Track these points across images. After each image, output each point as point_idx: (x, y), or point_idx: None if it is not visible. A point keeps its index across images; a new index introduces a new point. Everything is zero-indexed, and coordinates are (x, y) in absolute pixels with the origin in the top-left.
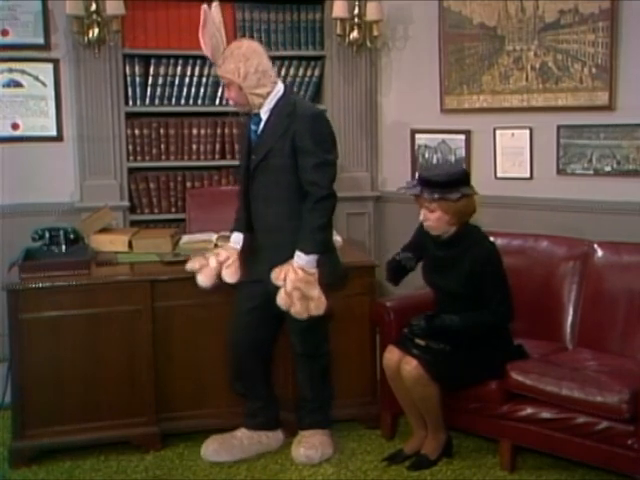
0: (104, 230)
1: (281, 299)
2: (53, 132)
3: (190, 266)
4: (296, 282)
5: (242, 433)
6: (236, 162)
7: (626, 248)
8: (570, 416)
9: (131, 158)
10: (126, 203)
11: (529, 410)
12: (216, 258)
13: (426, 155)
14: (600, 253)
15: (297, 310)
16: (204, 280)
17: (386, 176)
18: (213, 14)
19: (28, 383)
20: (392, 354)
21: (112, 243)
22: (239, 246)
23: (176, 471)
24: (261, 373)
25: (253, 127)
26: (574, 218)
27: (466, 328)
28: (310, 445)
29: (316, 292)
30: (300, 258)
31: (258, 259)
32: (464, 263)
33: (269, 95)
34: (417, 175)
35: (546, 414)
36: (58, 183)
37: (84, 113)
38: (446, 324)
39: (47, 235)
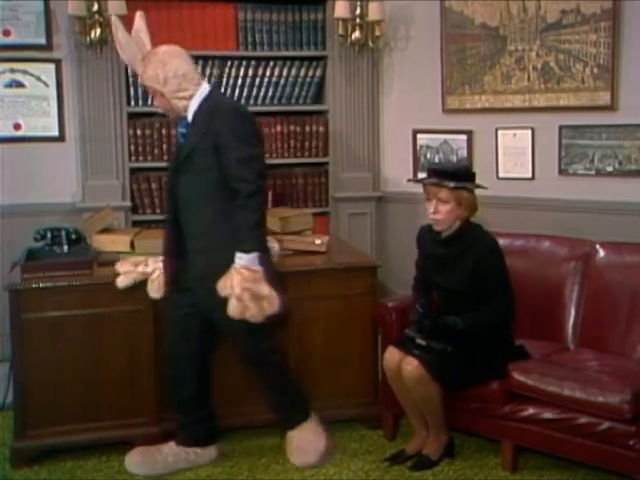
0: (106, 230)
1: (233, 307)
2: (55, 132)
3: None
4: (243, 283)
5: (170, 448)
6: None
7: (628, 248)
8: (572, 416)
9: (133, 158)
10: (128, 203)
11: (531, 410)
12: (143, 268)
13: (428, 155)
14: (602, 253)
15: (253, 313)
16: (123, 281)
17: (388, 176)
18: (136, 23)
19: (30, 383)
20: (392, 355)
21: (114, 243)
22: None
23: (177, 470)
24: (193, 387)
25: (181, 130)
26: (576, 218)
27: (469, 328)
28: (301, 452)
29: (266, 289)
30: (241, 258)
31: (186, 267)
32: (466, 261)
33: (192, 97)
34: (427, 168)
35: (548, 414)
36: (60, 183)
37: (86, 113)
38: (449, 324)
39: (49, 235)
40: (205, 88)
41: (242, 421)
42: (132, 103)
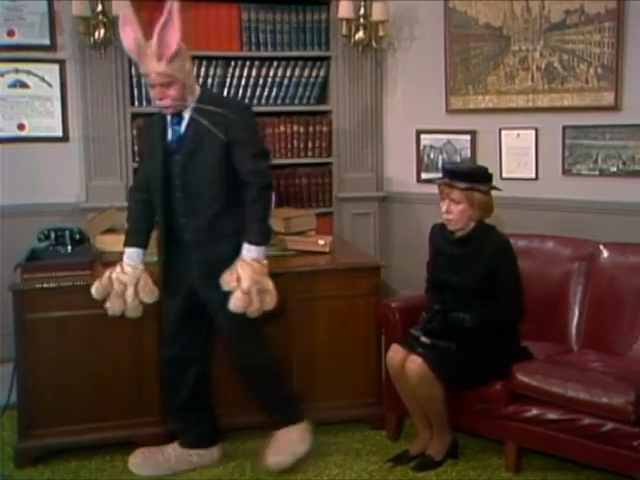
0: (110, 230)
1: (238, 300)
2: (59, 133)
3: (94, 291)
4: (253, 276)
5: (173, 450)
6: None
7: (632, 249)
8: (575, 417)
9: (136, 159)
10: None
11: (534, 411)
12: (123, 291)
13: (431, 155)
14: (606, 254)
15: (255, 308)
16: (114, 309)
17: (391, 176)
18: (126, 13)
19: (34, 383)
20: (396, 353)
21: (117, 243)
22: (142, 265)
23: (180, 472)
24: (194, 388)
25: (173, 128)
26: (579, 219)
27: (477, 325)
28: (277, 450)
29: (271, 284)
30: (251, 251)
31: (185, 267)
32: (480, 261)
33: (195, 92)
34: (442, 168)
35: (551, 415)
36: (64, 183)
37: (90, 114)
38: (458, 321)
39: (53, 235)
40: (197, 85)
41: (245, 421)
42: (136, 103)
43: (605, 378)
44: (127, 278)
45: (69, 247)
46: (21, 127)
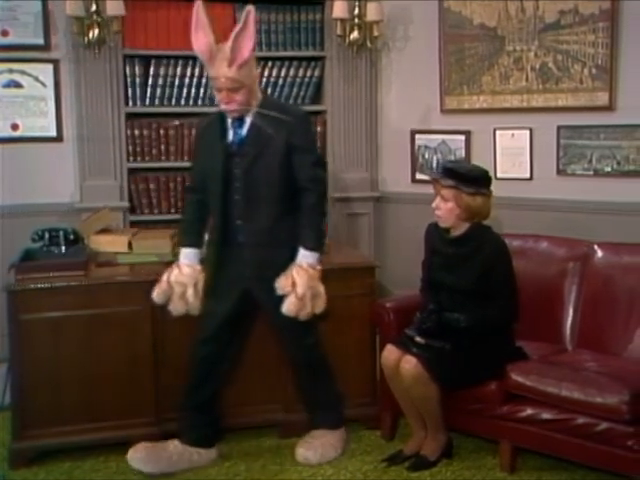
0: (104, 231)
1: (292, 305)
2: (53, 133)
3: (155, 297)
4: (309, 281)
5: (174, 446)
6: None
7: (626, 249)
8: (570, 417)
9: (131, 159)
10: (126, 204)
11: (529, 411)
12: (184, 292)
13: (426, 155)
14: (600, 254)
15: (307, 312)
16: (177, 310)
17: (386, 176)
18: (200, 14)
19: (28, 384)
20: (390, 353)
21: (112, 244)
22: (198, 265)
23: (178, 470)
24: (217, 388)
25: (234, 131)
26: (574, 219)
27: (472, 325)
28: (310, 446)
29: (322, 289)
30: (307, 256)
31: (239, 268)
32: (475, 261)
33: (258, 97)
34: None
35: (546, 415)
36: (58, 184)
37: (84, 113)
38: (452, 321)
39: (47, 236)
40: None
41: (240, 422)
42: (130, 103)
43: (599, 378)
44: (186, 279)
45: (63, 247)
46: (15, 127)
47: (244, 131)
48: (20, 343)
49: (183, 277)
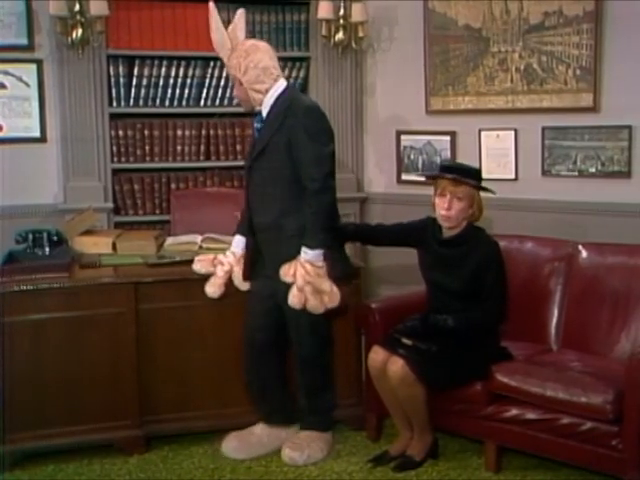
0: (88, 232)
1: (294, 297)
2: (37, 133)
3: (197, 268)
4: (306, 277)
5: (261, 429)
6: (220, 163)
7: (610, 249)
8: (555, 417)
9: (115, 159)
10: (110, 205)
11: (514, 411)
12: (222, 268)
13: (411, 156)
14: (585, 254)
15: (312, 304)
16: (214, 291)
17: (371, 177)
18: (235, 19)
19: (11, 386)
20: (377, 354)
21: (96, 245)
22: (240, 250)
23: (160, 474)
24: (276, 372)
25: (257, 125)
26: (559, 219)
27: (459, 326)
28: (296, 446)
29: (327, 285)
30: (307, 254)
31: (261, 258)
32: (470, 262)
33: (268, 92)
34: (441, 165)
35: (531, 415)
36: (42, 184)
37: (68, 114)
38: (439, 324)
39: (31, 237)
40: (281, 84)
41: (225, 423)
42: (114, 104)
43: (584, 378)
44: (224, 259)
45: (47, 249)
46: None
47: (260, 125)
48: (3, 345)
49: (226, 258)
